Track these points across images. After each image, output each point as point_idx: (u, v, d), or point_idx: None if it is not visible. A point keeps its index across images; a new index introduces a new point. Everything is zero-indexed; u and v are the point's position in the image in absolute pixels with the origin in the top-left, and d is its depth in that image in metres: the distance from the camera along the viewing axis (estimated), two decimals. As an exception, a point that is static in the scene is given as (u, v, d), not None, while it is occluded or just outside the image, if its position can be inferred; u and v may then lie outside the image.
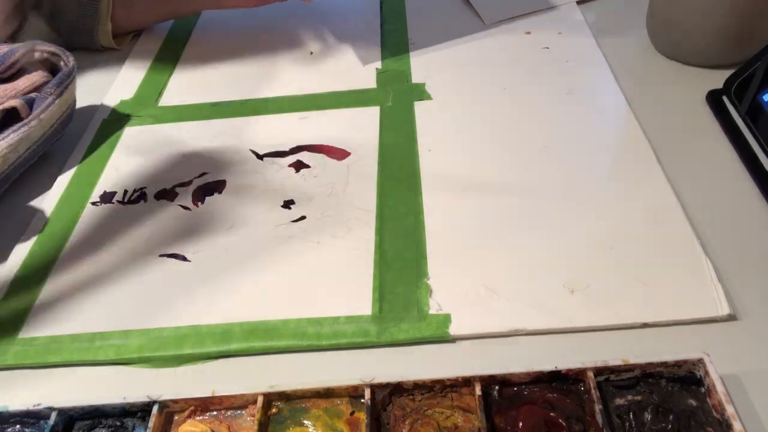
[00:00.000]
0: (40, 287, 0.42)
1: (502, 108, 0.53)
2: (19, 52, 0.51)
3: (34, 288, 0.42)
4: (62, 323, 0.40)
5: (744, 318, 0.36)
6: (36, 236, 0.46)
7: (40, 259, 0.44)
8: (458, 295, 0.39)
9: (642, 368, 0.32)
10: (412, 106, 0.54)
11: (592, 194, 0.44)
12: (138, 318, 0.39)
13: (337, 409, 0.33)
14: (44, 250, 0.45)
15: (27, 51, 0.52)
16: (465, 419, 0.32)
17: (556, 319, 0.37)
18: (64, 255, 0.44)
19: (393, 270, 0.41)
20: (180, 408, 0.34)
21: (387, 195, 0.46)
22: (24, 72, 0.52)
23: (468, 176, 0.47)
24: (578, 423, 0.32)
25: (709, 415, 0.31)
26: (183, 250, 0.44)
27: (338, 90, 0.57)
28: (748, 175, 0.44)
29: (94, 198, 0.49)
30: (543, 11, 0.65)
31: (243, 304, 0.40)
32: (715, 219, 0.42)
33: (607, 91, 0.54)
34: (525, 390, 0.33)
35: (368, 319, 0.38)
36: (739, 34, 0.52)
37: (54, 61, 0.54)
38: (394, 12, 0.69)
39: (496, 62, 0.59)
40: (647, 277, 0.38)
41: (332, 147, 0.51)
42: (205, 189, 0.48)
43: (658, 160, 0.46)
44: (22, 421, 0.34)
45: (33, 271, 0.43)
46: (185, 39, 0.68)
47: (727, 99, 0.50)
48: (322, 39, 0.65)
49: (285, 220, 0.45)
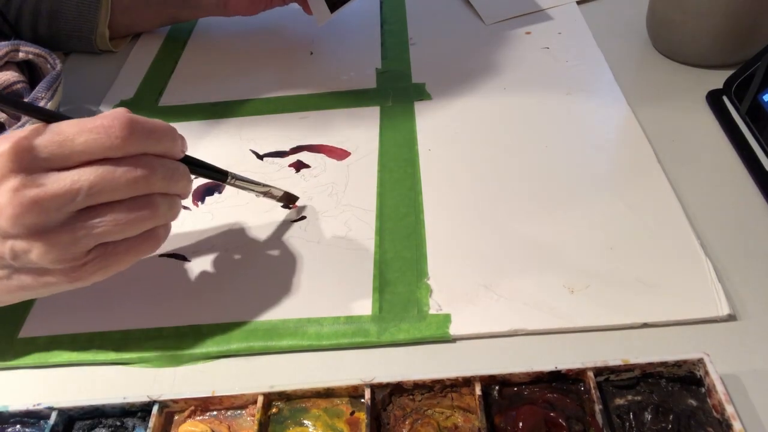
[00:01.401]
0: (40, 287, 0.42)
1: (502, 108, 0.53)
2: (2, 51, 0.51)
3: (34, 288, 0.42)
4: (62, 323, 0.40)
5: (744, 318, 0.36)
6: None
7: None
8: (458, 295, 0.39)
9: (642, 368, 0.32)
10: (412, 106, 0.54)
11: (592, 194, 0.44)
12: (139, 318, 0.39)
13: (337, 409, 0.33)
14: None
15: (10, 50, 0.52)
16: (465, 419, 0.32)
17: (556, 319, 0.37)
18: (64, 255, 0.44)
19: (393, 270, 0.41)
20: (180, 408, 0.34)
21: (387, 195, 0.46)
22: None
23: (468, 176, 0.47)
24: (578, 423, 0.32)
25: (709, 415, 0.31)
26: (183, 250, 0.44)
27: (338, 90, 0.57)
28: (748, 175, 0.44)
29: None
30: (543, 11, 0.65)
31: (243, 304, 0.40)
32: (715, 219, 0.42)
33: (607, 91, 0.54)
34: (525, 390, 0.33)
35: (368, 319, 0.38)
36: (739, 34, 0.52)
37: (38, 63, 0.54)
38: (394, 12, 0.69)
39: (496, 62, 0.59)
40: (647, 277, 0.38)
41: (332, 147, 0.51)
42: (205, 189, 0.48)
43: (658, 160, 0.46)
44: (23, 421, 0.34)
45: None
46: (185, 39, 0.68)
47: (727, 99, 0.50)
48: (322, 39, 0.65)
49: (285, 220, 0.45)
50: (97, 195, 0.31)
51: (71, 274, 0.32)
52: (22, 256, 0.31)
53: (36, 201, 0.30)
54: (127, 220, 0.31)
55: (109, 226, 0.31)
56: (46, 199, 0.30)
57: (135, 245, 0.33)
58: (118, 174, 0.31)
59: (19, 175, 0.30)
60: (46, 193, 0.30)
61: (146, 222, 0.33)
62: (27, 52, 0.53)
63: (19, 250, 0.31)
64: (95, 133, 0.30)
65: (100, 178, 0.30)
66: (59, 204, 0.30)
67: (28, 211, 0.30)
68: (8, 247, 0.31)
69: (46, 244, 0.30)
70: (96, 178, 0.30)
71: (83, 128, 0.30)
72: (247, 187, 0.42)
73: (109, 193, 0.31)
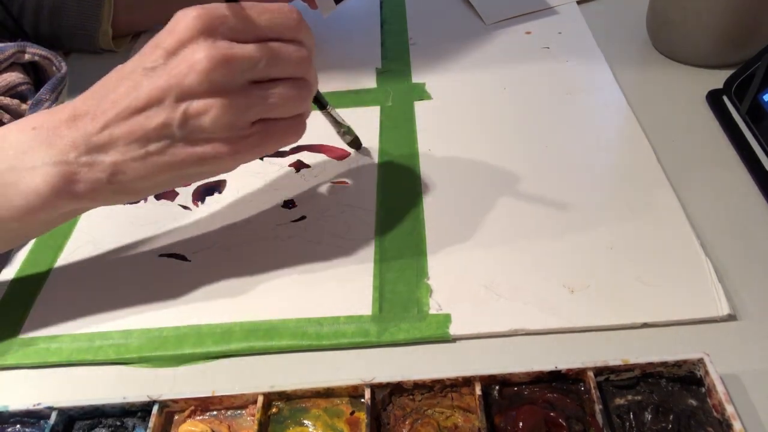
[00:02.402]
0: (40, 287, 0.42)
1: (502, 108, 0.53)
2: (8, 51, 0.51)
3: (34, 288, 0.42)
4: (62, 323, 0.40)
5: (744, 318, 0.36)
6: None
7: (41, 259, 0.44)
8: (458, 295, 0.39)
9: (642, 368, 0.32)
10: (412, 106, 0.54)
11: (592, 194, 0.44)
12: (138, 318, 0.39)
13: (337, 409, 0.33)
14: (44, 250, 0.45)
15: (16, 51, 0.52)
16: (465, 419, 0.32)
17: (556, 319, 0.37)
18: (64, 255, 0.44)
19: (393, 270, 0.41)
20: (180, 408, 0.34)
21: (387, 195, 0.46)
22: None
23: (468, 176, 0.47)
24: (578, 423, 0.32)
25: (709, 415, 0.31)
26: (183, 250, 0.44)
27: (338, 90, 0.57)
28: (748, 175, 0.44)
29: (94, 198, 0.49)
30: (543, 11, 0.65)
31: (243, 304, 0.40)
32: (715, 219, 0.42)
33: (607, 91, 0.54)
34: (525, 390, 0.33)
35: (368, 319, 0.38)
36: (739, 34, 0.52)
37: (43, 65, 0.54)
38: (394, 12, 0.69)
39: (496, 62, 0.59)
40: (647, 277, 0.38)
41: (332, 147, 0.51)
42: (205, 189, 0.48)
43: (659, 160, 0.46)
44: (23, 421, 0.34)
45: (33, 271, 0.43)
46: (185, 39, 0.68)
47: (727, 99, 0.50)
48: (322, 39, 0.65)
49: (285, 220, 0.45)
50: (274, 66, 0.34)
51: (233, 144, 0.34)
52: (194, 120, 0.33)
53: (227, 58, 0.32)
54: (291, 95, 0.35)
55: (277, 98, 0.34)
56: (236, 59, 0.33)
57: (289, 127, 0.37)
58: (291, 50, 0.35)
59: (209, 37, 0.33)
60: (236, 53, 0.33)
61: (303, 102, 0.36)
62: (33, 53, 0.53)
63: (194, 112, 0.33)
64: (277, 13, 0.34)
65: (278, 51, 0.34)
66: (244, 66, 0.33)
67: (220, 66, 0.32)
68: (181, 110, 0.33)
69: (225, 104, 0.33)
70: (275, 50, 0.34)
71: (266, 8, 0.34)
72: (335, 120, 0.48)
73: (284, 66, 0.34)
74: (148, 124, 0.33)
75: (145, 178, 0.35)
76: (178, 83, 0.33)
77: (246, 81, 0.34)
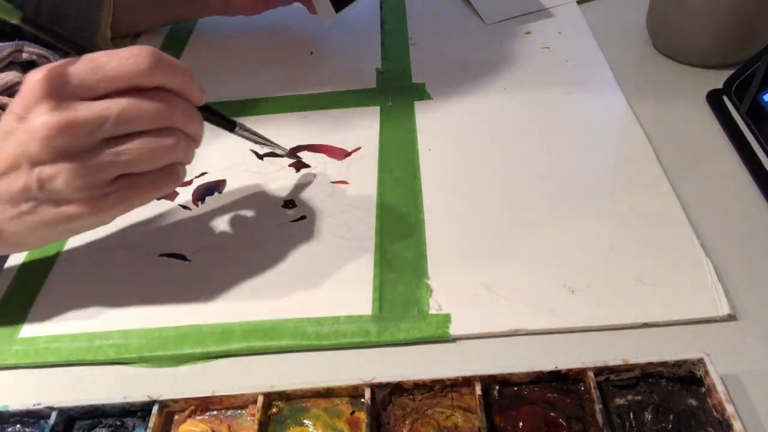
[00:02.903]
0: (40, 287, 0.42)
1: (502, 108, 0.53)
2: (6, 51, 0.51)
3: (34, 288, 0.42)
4: (62, 323, 0.40)
5: (744, 318, 0.36)
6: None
7: (40, 259, 0.44)
8: (458, 295, 0.39)
9: (642, 368, 0.32)
10: (412, 106, 0.54)
11: (592, 194, 0.44)
12: (138, 318, 0.39)
13: (337, 408, 0.33)
14: (44, 250, 0.45)
15: (14, 50, 0.52)
16: (465, 419, 0.32)
17: (556, 319, 0.37)
18: (64, 255, 0.44)
19: (393, 270, 0.41)
20: (180, 408, 0.34)
21: (387, 195, 0.46)
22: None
23: (468, 176, 0.47)
24: (578, 423, 0.32)
25: (709, 415, 0.31)
26: (183, 250, 0.44)
27: (338, 90, 0.57)
28: (748, 175, 0.44)
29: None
30: (543, 11, 0.65)
31: (243, 304, 0.40)
32: (715, 219, 0.42)
33: (607, 91, 0.54)
34: (525, 390, 0.33)
35: (368, 319, 0.38)
36: (739, 34, 0.52)
37: (41, 64, 0.53)
38: (394, 12, 0.69)
39: (496, 62, 0.59)
40: (647, 277, 0.38)
41: (332, 147, 0.51)
42: (205, 189, 0.48)
43: (659, 159, 0.46)
44: (23, 421, 0.34)
45: (33, 270, 0.43)
46: (185, 39, 0.68)
47: (727, 99, 0.50)
48: (322, 39, 0.65)
49: (285, 220, 0.45)
50: (124, 123, 0.32)
51: (94, 204, 0.33)
52: (48, 184, 0.32)
53: (67, 124, 0.31)
54: (151, 149, 0.33)
55: (134, 155, 0.33)
56: (77, 123, 0.31)
57: (156, 179, 0.34)
58: (144, 104, 0.32)
59: (52, 100, 0.31)
60: (77, 117, 0.31)
61: (168, 154, 0.34)
62: (30, 53, 0.53)
63: (46, 177, 0.32)
64: (125, 60, 0.32)
65: (127, 107, 0.32)
66: (89, 129, 0.32)
67: (59, 133, 0.31)
68: (36, 174, 0.32)
69: (73, 168, 0.32)
70: (124, 107, 0.32)
71: (114, 56, 0.32)
72: (254, 139, 0.44)
73: (135, 122, 0.32)
74: (12, 187, 0.33)
75: (27, 234, 0.35)
76: (25, 151, 0.32)
77: (95, 141, 0.32)
